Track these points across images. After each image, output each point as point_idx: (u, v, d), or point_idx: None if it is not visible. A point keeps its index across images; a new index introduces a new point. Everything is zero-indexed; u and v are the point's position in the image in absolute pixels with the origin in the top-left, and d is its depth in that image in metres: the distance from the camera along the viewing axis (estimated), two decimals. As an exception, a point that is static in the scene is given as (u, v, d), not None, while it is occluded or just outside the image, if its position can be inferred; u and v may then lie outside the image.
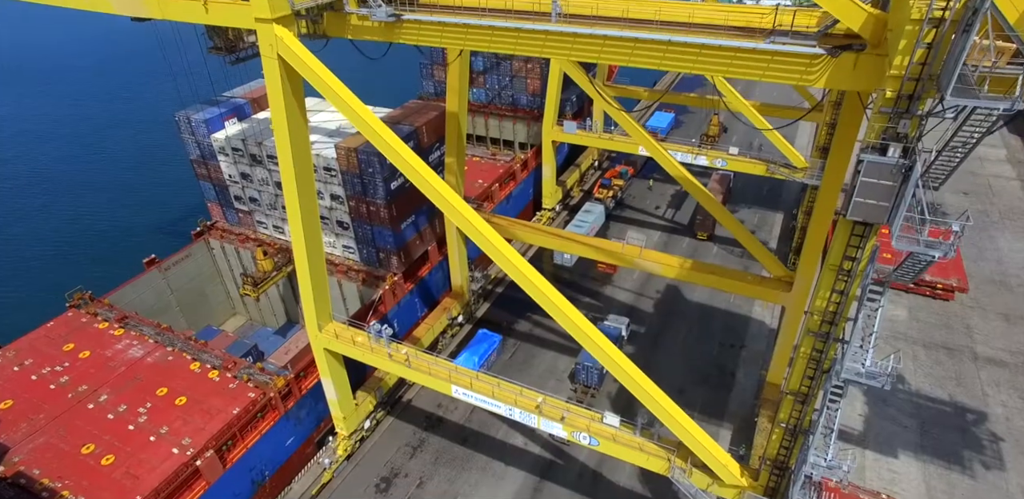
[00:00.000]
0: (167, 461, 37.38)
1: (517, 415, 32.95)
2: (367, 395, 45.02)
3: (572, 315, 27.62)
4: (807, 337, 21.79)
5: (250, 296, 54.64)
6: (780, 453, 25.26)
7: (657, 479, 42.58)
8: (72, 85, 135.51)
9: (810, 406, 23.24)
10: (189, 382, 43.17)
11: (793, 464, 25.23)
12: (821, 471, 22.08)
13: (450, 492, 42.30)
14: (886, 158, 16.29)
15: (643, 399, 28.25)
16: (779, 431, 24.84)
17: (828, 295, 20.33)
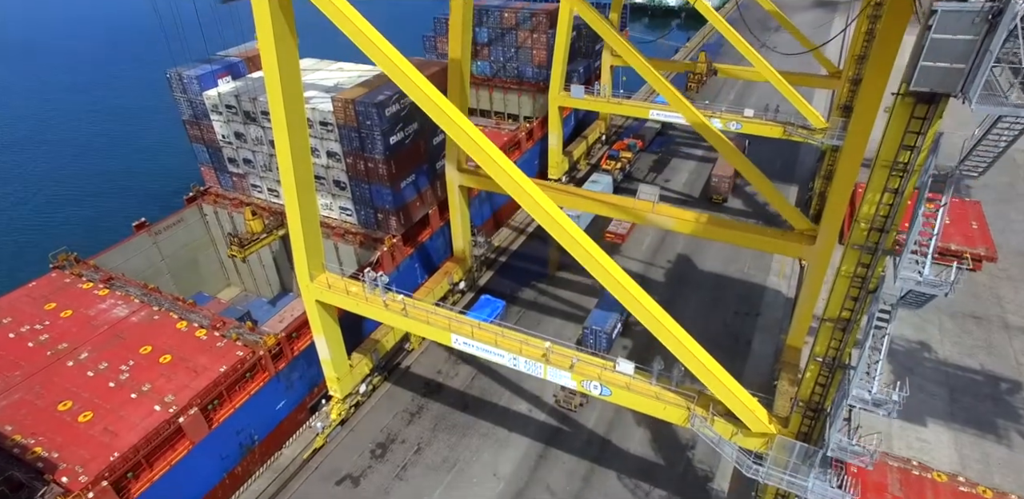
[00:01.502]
0: (148, 418, 35.03)
1: (522, 364, 30.45)
2: (363, 357, 42.59)
3: (593, 251, 25.20)
4: (851, 251, 19.28)
5: (236, 257, 52.25)
6: (815, 391, 22.72)
7: (670, 446, 40.10)
8: (68, 55, 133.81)
9: (851, 335, 20.70)
10: (175, 341, 40.83)
11: (829, 404, 22.72)
12: (866, 405, 19.58)
13: (450, 458, 39.85)
14: (967, 3, 13.67)
15: (664, 338, 25.76)
16: (814, 367, 22.30)
17: (878, 197, 17.80)
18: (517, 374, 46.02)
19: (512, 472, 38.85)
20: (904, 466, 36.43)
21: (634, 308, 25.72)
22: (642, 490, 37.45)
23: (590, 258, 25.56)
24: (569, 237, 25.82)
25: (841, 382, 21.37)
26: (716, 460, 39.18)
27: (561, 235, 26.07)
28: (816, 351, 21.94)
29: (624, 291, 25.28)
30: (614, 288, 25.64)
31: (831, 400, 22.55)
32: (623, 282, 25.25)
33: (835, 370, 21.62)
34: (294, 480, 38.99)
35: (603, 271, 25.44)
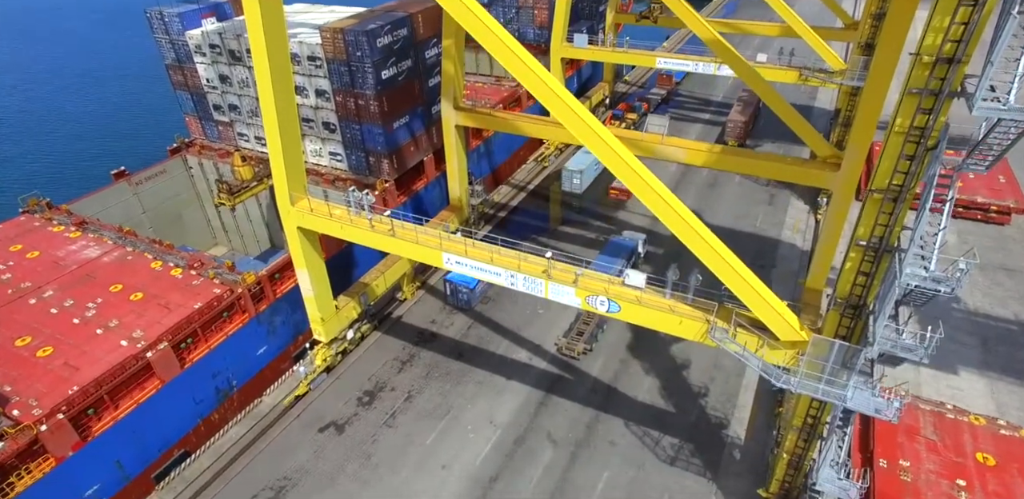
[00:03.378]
0: (113, 353, 32.15)
1: (520, 283, 27.49)
2: (350, 300, 39.64)
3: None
4: (908, 98, 16.27)
5: (225, 206, 49.29)
6: (856, 283, 19.72)
7: (681, 394, 37.15)
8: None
9: (904, 207, 17.69)
10: (148, 279, 37.98)
11: (872, 299, 19.76)
12: (924, 282, 16.63)
13: (443, 406, 36.88)
14: None
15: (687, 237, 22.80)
16: (855, 255, 19.30)
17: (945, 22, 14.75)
18: (516, 322, 43.21)
19: (510, 419, 35.89)
20: (937, 409, 33.50)
21: (654, 200, 22.84)
22: (651, 437, 34.46)
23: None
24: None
25: (889, 268, 18.43)
26: (730, 408, 36.20)
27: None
28: (859, 234, 18.98)
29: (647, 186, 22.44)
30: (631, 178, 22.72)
31: (874, 294, 19.60)
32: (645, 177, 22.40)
33: (881, 254, 18.64)
34: (274, 427, 36.06)
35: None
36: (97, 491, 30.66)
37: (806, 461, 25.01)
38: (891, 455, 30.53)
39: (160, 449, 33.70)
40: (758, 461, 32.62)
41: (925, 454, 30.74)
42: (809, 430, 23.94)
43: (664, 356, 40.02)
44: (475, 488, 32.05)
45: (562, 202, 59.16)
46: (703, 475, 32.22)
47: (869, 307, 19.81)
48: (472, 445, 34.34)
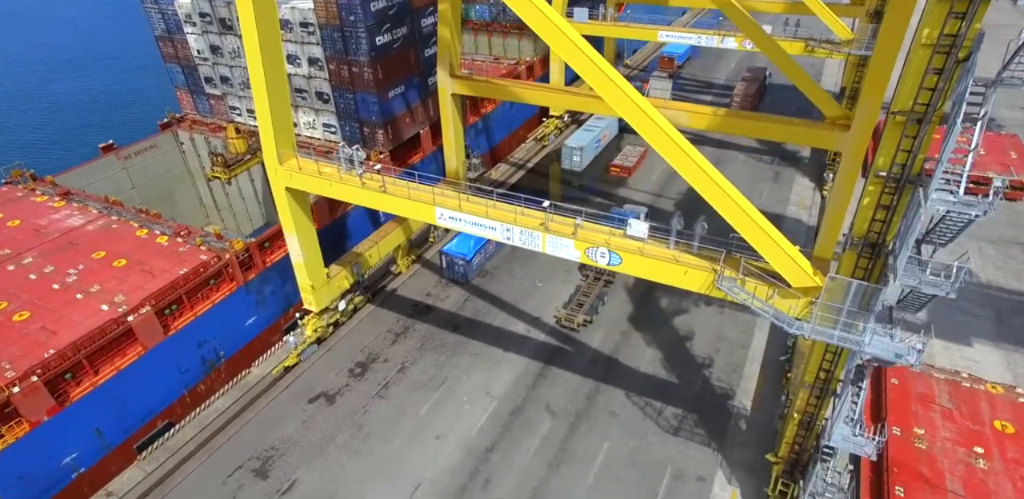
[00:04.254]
0: (93, 317, 30.86)
1: (516, 237, 26.18)
2: (342, 269, 38.31)
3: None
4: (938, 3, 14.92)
5: (221, 179, 47.96)
6: (875, 219, 18.34)
7: (685, 365, 35.83)
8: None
9: (930, 129, 16.30)
10: (132, 247, 36.71)
11: (892, 238, 18.40)
12: (954, 207, 15.28)
13: (437, 377, 35.55)
14: None
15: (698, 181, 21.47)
16: (874, 187, 17.94)
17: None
18: (513, 295, 41.93)
19: (507, 391, 34.57)
20: (952, 378, 32.17)
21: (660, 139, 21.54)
22: (653, 408, 33.13)
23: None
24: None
25: (912, 199, 17.08)
26: (736, 378, 34.86)
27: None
28: (879, 164, 17.63)
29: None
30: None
31: (894, 232, 18.25)
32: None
33: (904, 185, 17.30)
34: (262, 398, 34.75)
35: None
36: (76, 459, 29.33)
37: (818, 421, 23.70)
38: (904, 423, 29.23)
39: (143, 419, 32.37)
40: (765, 430, 31.30)
41: (940, 422, 29.42)
42: (822, 387, 22.60)
43: (667, 328, 38.69)
44: (470, 459, 30.74)
45: (562, 180, 57.88)
46: (708, 445, 30.90)
47: (889, 246, 18.47)
48: (467, 416, 33.03)
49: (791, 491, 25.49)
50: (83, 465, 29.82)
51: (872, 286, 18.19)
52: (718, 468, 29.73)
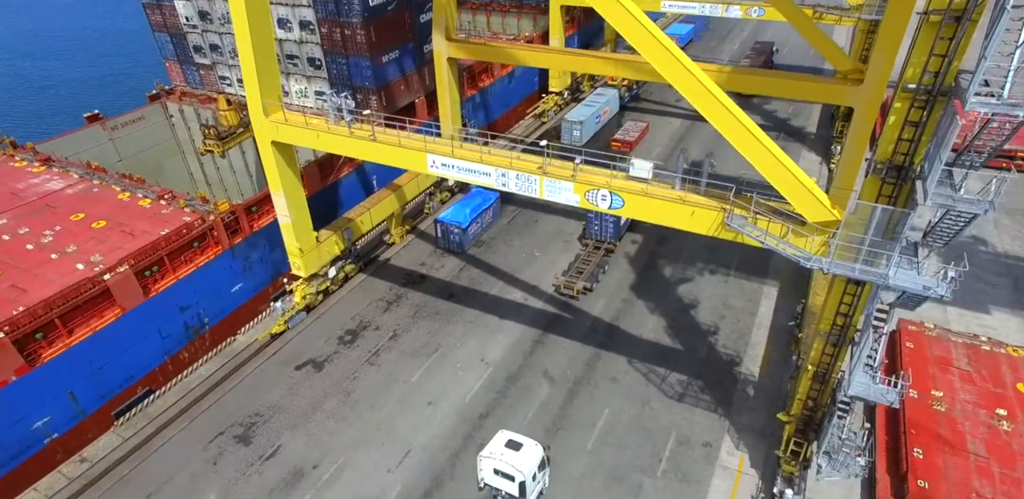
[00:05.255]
0: (67, 276, 29.36)
1: (512, 182, 24.64)
2: (332, 234, 36.78)
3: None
4: None
5: (214, 152, 46.46)
6: (903, 136, 16.78)
7: (690, 332, 34.34)
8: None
9: (967, 35, 14.77)
10: (113, 209, 35.25)
11: (919, 160, 16.87)
12: (998, 108, 13.74)
13: (430, 344, 34.04)
14: None
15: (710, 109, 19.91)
16: (901, 104, 16.40)
17: None
18: (511, 265, 40.49)
19: (503, 357, 33.06)
20: (971, 342, 30.70)
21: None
22: (657, 374, 31.61)
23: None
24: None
25: (945, 111, 15.55)
26: (743, 345, 33.34)
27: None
28: (908, 76, 16.09)
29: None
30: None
31: (923, 153, 16.71)
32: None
33: (935, 98, 15.74)
34: (247, 365, 33.25)
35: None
36: (48, 424, 27.80)
37: (833, 374, 22.18)
38: (922, 386, 27.78)
39: (122, 385, 30.83)
40: (774, 396, 29.79)
41: (960, 385, 27.97)
42: (839, 334, 21.08)
43: (670, 296, 37.17)
44: (463, 425, 29.23)
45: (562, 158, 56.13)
46: (714, 411, 29.38)
47: (916, 170, 16.95)
48: (461, 382, 31.52)
49: (804, 451, 23.97)
50: (56, 431, 28.30)
51: (899, 210, 16.68)
52: (725, 434, 28.22)
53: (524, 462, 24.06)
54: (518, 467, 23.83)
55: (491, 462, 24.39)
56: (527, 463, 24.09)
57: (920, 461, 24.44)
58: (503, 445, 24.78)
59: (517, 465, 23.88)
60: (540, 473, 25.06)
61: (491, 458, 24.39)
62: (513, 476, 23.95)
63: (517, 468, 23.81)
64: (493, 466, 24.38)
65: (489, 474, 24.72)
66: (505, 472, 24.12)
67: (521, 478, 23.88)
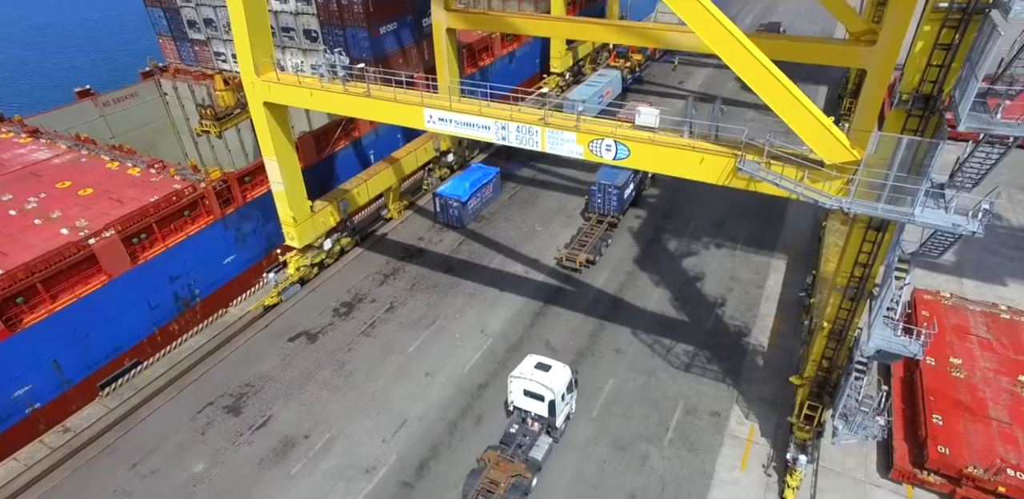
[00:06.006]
0: (50, 241, 28.29)
1: (513, 135, 23.54)
2: (327, 205, 35.71)
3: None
4: None
5: (210, 133, 45.36)
6: (932, 61, 15.68)
7: (696, 304, 33.24)
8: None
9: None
10: (101, 177, 34.25)
11: (951, 86, 15.75)
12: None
13: (428, 316, 32.95)
14: None
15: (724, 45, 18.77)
16: (931, 27, 15.26)
17: None
18: (512, 239, 39.44)
19: (503, 329, 31.97)
20: (989, 310, 29.60)
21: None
22: (662, 345, 30.50)
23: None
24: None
25: (980, 29, 14.46)
26: (751, 317, 32.23)
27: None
28: (933, 0, 15.03)
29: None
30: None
31: (955, 77, 15.56)
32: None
33: (970, 15, 14.64)
34: (238, 336, 32.17)
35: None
36: (29, 393, 26.72)
37: (851, 332, 21.06)
38: (939, 353, 26.70)
39: (108, 355, 29.73)
40: (785, 366, 28.66)
41: (979, 352, 26.89)
42: (857, 286, 19.94)
43: (675, 269, 36.06)
44: (460, 395, 28.14)
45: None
46: (722, 381, 28.26)
47: (944, 98, 15.85)
48: (460, 353, 30.43)
49: (818, 415, 22.85)
50: (39, 400, 27.21)
51: (927, 141, 15.53)
52: (734, 403, 27.09)
53: (554, 381, 24.27)
54: (548, 385, 23.98)
55: (521, 383, 24.54)
56: (557, 382, 24.28)
57: (940, 428, 23.36)
58: (533, 367, 25.02)
59: (547, 384, 24.05)
60: (569, 395, 25.38)
61: (521, 378, 24.54)
62: (543, 395, 24.11)
63: (547, 387, 23.96)
64: (523, 387, 24.56)
65: (519, 396, 24.95)
66: (535, 392, 24.33)
67: (551, 397, 24.03)
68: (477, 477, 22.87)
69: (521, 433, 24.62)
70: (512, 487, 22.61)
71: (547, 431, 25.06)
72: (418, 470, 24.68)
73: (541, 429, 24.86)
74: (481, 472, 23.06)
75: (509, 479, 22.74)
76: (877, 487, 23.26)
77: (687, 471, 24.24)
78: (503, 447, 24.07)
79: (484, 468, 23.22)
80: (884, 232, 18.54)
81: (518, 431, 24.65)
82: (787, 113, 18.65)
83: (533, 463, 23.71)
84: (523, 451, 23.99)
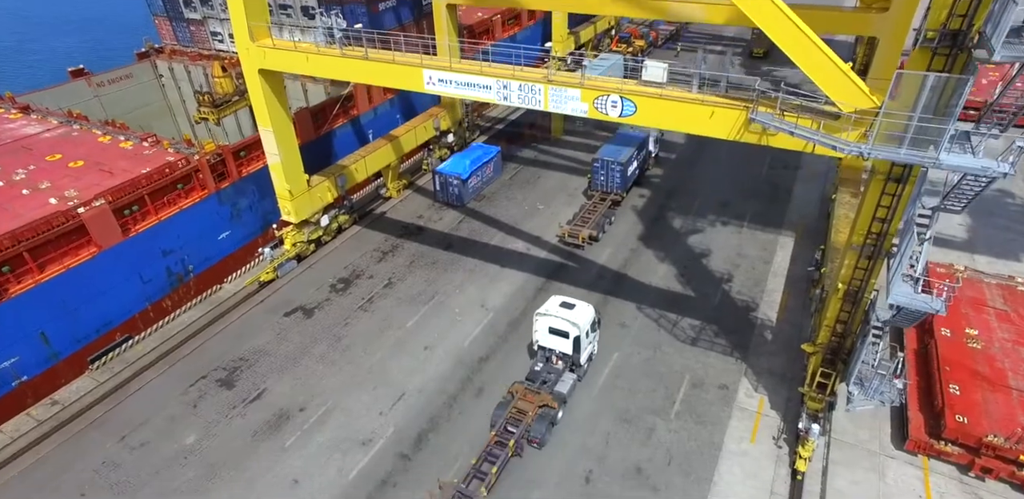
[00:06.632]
0: (38, 210, 27.49)
1: (515, 94, 22.71)
2: (324, 180, 34.90)
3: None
4: None
5: (209, 120, 44.31)
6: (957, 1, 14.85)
7: (702, 280, 32.50)
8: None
9: None
10: (93, 150, 33.48)
11: (980, 24, 14.93)
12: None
13: (427, 292, 32.14)
14: None
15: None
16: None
17: None
18: (513, 217, 38.67)
19: (504, 303, 31.17)
20: (1006, 283, 28.80)
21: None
22: (667, 320, 29.69)
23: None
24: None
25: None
26: (759, 292, 31.42)
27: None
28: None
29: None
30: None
31: (984, 14, 14.73)
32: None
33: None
34: (233, 312, 31.35)
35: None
36: (16, 365, 25.89)
37: (867, 294, 20.25)
38: (955, 325, 25.89)
39: (99, 330, 28.91)
40: (794, 340, 27.82)
41: (996, 324, 26.09)
42: (874, 245, 19.11)
43: (680, 246, 35.26)
44: (460, 368, 27.33)
45: (565, 117, 54.31)
46: (730, 355, 27.44)
47: (973, 34, 15.02)
48: (460, 327, 29.62)
49: (831, 382, 22.02)
50: (26, 373, 26.40)
51: (956, 77, 14.71)
52: (743, 377, 26.28)
53: (579, 318, 24.57)
54: (573, 321, 24.29)
55: (547, 320, 24.78)
56: (581, 319, 24.59)
57: (957, 397, 22.55)
58: (558, 305, 25.31)
59: (572, 320, 24.36)
60: (592, 334, 25.84)
61: (547, 315, 24.80)
62: (568, 332, 24.43)
63: (572, 322, 24.26)
64: (548, 324, 24.80)
65: (543, 335, 25.24)
66: (560, 329, 24.64)
67: (576, 333, 24.35)
68: (505, 408, 23.62)
69: (546, 371, 25.35)
70: (539, 417, 23.40)
71: (571, 369, 25.73)
72: (416, 442, 23.87)
73: (565, 367, 25.58)
74: (509, 403, 23.83)
75: (537, 409, 23.56)
76: (892, 458, 22.46)
77: (695, 443, 23.42)
78: (529, 383, 24.82)
79: (512, 399, 24.03)
80: (904, 184, 17.72)
81: (543, 369, 25.41)
82: (804, 59, 17.87)
83: (559, 395, 24.44)
84: (548, 386, 24.67)
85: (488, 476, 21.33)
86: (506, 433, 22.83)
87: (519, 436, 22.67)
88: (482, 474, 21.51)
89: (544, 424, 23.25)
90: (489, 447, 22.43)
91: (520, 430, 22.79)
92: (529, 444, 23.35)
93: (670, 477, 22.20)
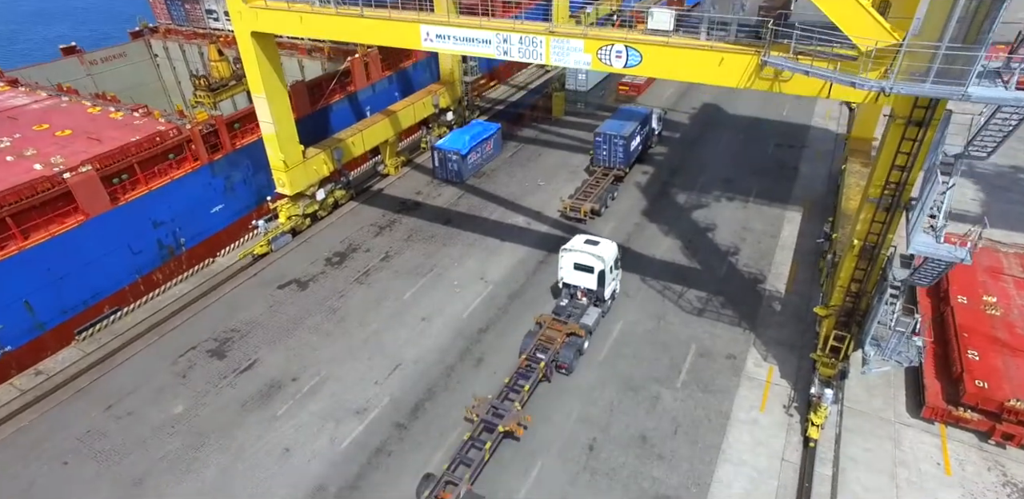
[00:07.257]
0: (22, 176, 26.62)
1: (516, 48, 21.81)
2: (320, 152, 34.02)
3: None
4: None
5: (204, 104, 43.46)
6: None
7: (708, 252, 31.65)
8: None
9: None
10: (82, 120, 32.66)
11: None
12: None
13: (425, 265, 31.27)
14: None
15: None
16: None
17: None
18: (513, 193, 37.83)
19: (504, 276, 30.30)
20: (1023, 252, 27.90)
21: None
22: (672, 291, 28.82)
23: None
24: None
25: None
26: (766, 264, 30.54)
27: None
28: None
29: None
30: None
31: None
32: None
33: None
34: (225, 284, 30.48)
35: None
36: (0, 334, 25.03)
37: (884, 249, 19.35)
38: (971, 292, 25.02)
39: (87, 301, 28.03)
40: (803, 311, 26.95)
41: (1015, 291, 25.23)
42: (892, 196, 18.23)
43: (685, 220, 34.39)
44: (458, 339, 26.44)
45: (566, 99, 53.46)
46: (737, 325, 26.56)
47: None
48: (459, 299, 28.75)
49: (845, 346, 21.12)
50: (10, 343, 25.52)
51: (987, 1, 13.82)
52: (751, 346, 25.40)
53: (604, 252, 25.48)
54: (598, 255, 25.11)
55: (572, 255, 25.62)
56: (606, 253, 25.52)
57: (976, 363, 21.65)
58: (583, 242, 26.31)
59: (597, 253, 25.22)
60: (616, 270, 26.72)
61: (572, 251, 25.66)
62: (592, 267, 25.24)
63: (598, 256, 25.09)
64: (574, 260, 25.63)
65: (568, 271, 26.09)
66: (585, 264, 25.45)
67: (601, 267, 25.16)
68: (533, 337, 24.29)
69: (571, 306, 26.30)
70: (567, 344, 24.15)
71: (595, 304, 26.52)
72: (413, 411, 22.98)
73: (590, 302, 26.41)
74: (537, 333, 24.49)
75: (564, 337, 24.29)
76: (908, 426, 21.57)
77: (703, 411, 22.54)
78: (555, 316, 25.49)
79: (540, 329, 24.71)
80: (926, 128, 16.83)
81: (568, 304, 26.36)
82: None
83: (585, 326, 25.23)
84: (574, 320, 25.43)
85: (521, 392, 22.13)
86: (535, 359, 23.46)
87: (549, 360, 23.30)
88: (517, 388, 22.41)
89: (572, 351, 23.92)
90: (520, 370, 23.09)
91: (549, 355, 23.38)
92: (558, 370, 24.01)
93: (677, 445, 21.31)
